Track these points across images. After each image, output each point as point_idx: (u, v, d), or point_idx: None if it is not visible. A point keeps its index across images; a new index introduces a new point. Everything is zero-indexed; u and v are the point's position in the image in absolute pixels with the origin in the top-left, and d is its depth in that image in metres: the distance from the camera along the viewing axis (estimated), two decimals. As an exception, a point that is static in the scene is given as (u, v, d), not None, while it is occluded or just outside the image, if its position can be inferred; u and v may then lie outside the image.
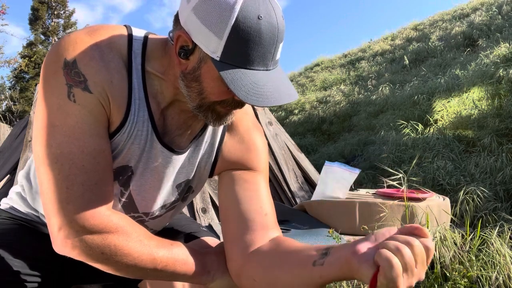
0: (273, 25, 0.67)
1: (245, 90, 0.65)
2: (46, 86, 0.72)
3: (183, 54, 0.71)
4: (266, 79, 0.68)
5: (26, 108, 15.58)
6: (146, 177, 0.84)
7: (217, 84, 0.71)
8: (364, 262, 0.56)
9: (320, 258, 0.65)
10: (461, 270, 1.73)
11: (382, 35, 14.59)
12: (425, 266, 0.58)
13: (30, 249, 0.88)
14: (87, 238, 0.70)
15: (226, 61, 0.67)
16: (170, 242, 0.80)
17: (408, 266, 0.54)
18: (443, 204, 2.28)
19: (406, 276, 0.55)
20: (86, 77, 0.71)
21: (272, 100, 0.67)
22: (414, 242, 0.56)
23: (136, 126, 0.78)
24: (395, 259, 0.54)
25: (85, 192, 0.70)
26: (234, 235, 0.83)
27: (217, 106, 0.75)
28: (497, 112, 4.41)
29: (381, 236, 0.60)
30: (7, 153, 3.42)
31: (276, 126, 3.45)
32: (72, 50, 0.72)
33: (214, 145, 0.89)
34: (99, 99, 0.72)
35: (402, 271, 0.54)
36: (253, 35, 0.65)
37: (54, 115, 0.71)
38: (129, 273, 0.76)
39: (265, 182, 0.90)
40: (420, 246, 0.56)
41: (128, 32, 0.78)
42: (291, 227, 2.28)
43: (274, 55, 0.69)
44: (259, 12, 0.65)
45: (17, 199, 0.97)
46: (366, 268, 0.56)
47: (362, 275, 0.57)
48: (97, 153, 0.72)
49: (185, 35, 0.69)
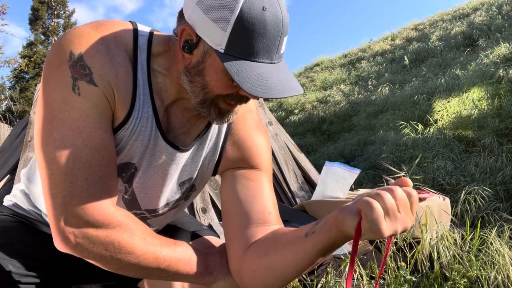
0: (278, 17, 0.66)
1: (250, 82, 0.64)
2: (50, 79, 0.71)
3: (187, 48, 0.71)
4: (271, 71, 0.67)
5: (26, 108, 15.57)
6: (150, 174, 0.84)
7: (221, 77, 0.70)
8: (347, 213, 0.60)
9: (311, 228, 0.68)
10: (460, 270, 1.73)
11: (382, 35, 14.61)
12: (409, 213, 0.60)
13: (31, 249, 0.88)
14: (90, 235, 0.69)
15: (231, 53, 0.66)
16: (173, 241, 0.79)
17: (389, 210, 0.57)
18: (443, 204, 2.28)
19: (389, 220, 0.57)
20: (91, 70, 0.70)
21: (277, 92, 0.66)
22: (395, 188, 0.59)
23: (140, 122, 0.77)
24: (375, 202, 0.56)
25: (89, 186, 0.69)
26: (236, 233, 0.82)
27: (220, 101, 0.74)
28: (497, 112, 4.41)
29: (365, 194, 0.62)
30: (7, 153, 3.42)
31: (276, 126, 3.45)
32: (78, 43, 0.71)
33: (218, 144, 0.89)
34: (104, 93, 0.71)
35: (384, 215, 0.56)
36: (257, 26, 0.64)
37: (58, 108, 0.69)
38: (131, 271, 0.75)
39: (269, 180, 0.89)
40: (401, 191, 0.59)
41: (133, 27, 0.78)
42: (291, 227, 2.27)
43: (279, 48, 0.69)
44: (264, 4, 0.65)
45: (21, 196, 0.96)
46: (350, 219, 0.59)
47: (347, 226, 0.59)
48: (101, 147, 0.71)
49: (189, 29, 0.69)
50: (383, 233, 0.56)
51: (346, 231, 0.60)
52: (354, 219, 0.58)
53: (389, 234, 0.57)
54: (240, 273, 0.80)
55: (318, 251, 0.67)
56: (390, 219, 0.57)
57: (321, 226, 0.66)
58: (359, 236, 0.58)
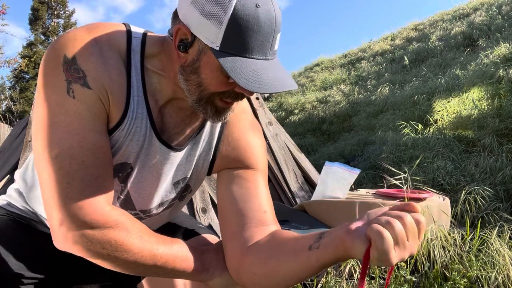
0: (271, 14, 0.68)
1: (245, 78, 0.66)
2: (45, 82, 0.72)
3: (183, 47, 0.72)
4: (266, 67, 0.69)
5: (26, 108, 15.58)
6: (144, 174, 0.85)
7: (216, 75, 0.72)
8: (356, 238, 0.58)
9: (316, 242, 0.67)
10: (460, 270, 1.73)
11: (382, 35, 14.61)
12: (417, 240, 0.59)
13: (27, 248, 0.88)
14: (88, 233, 0.70)
15: (226, 50, 0.67)
16: (170, 239, 0.80)
17: (399, 239, 0.56)
18: (443, 204, 2.28)
19: (398, 249, 0.57)
20: (85, 73, 0.72)
21: (272, 87, 0.67)
22: (404, 216, 0.58)
23: (135, 122, 0.78)
24: (386, 231, 0.55)
25: (85, 187, 0.70)
26: (233, 232, 0.83)
27: (216, 99, 0.76)
28: (497, 112, 4.42)
29: (373, 215, 0.61)
30: (7, 153, 3.42)
31: (276, 126, 3.45)
32: (72, 46, 0.72)
33: (212, 144, 0.90)
34: (98, 95, 0.73)
35: (394, 244, 0.56)
36: (251, 23, 0.66)
37: (54, 111, 0.71)
38: (128, 269, 0.77)
39: (264, 180, 0.91)
40: (411, 219, 0.58)
41: (127, 29, 0.79)
42: (291, 227, 2.27)
43: (273, 45, 0.70)
44: (257, 1, 0.67)
45: (16, 195, 0.96)
46: (359, 244, 0.58)
47: (356, 251, 0.58)
48: (96, 148, 0.72)
49: (184, 28, 0.70)
50: (392, 262, 0.56)
51: (353, 254, 0.60)
52: (363, 244, 0.57)
53: (396, 262, 0.57)
54: (238, 272, 0.81)
55: (321, 265, 0.67)
56: (399, 248, 0.57)
57: (327, 242, 0.65)
58: (367, 262, 0.57)
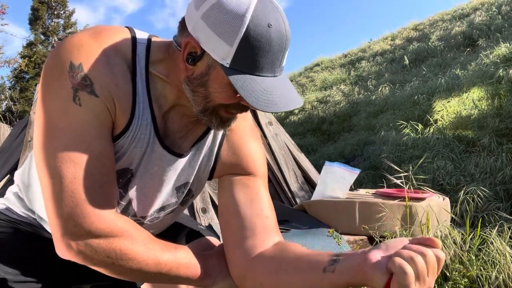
0: (282, 33, 0.68)
1: (255, 96, 0.67)
2: (50, 89, 0.71)
3: (191, 60, 0.72)
4: (274, 85, 0.70)
5: (26, 108, 15.55)
6: (146, 180, 0.84)
7: (225, 90, 0.72)
8: (377, 269, 0.59)
9: (330, 265, 0.67)
10: (461, 270, 1.73)
11: (382, 35, 14.61)
12: (435, 275, 0.60)
13: (26, 254, 0.87)
14: (92, 243, 0.70)
15: (236, 68, 0.67)
16: (174, 245, 0.80)
17: (420, 274, 0.56)
18: (443, 204, 2.28)
19: (418, 285, 0.57)
20: (92, 81, 0.71)
21: (281, 106, 0.68)
22: (427, 252, 0.58)
23: (140, 129, 0.78)
24: (409, 267, 0.56)
25: (90, 195, 0.69)
26: (236, 239, 0.83)
27: (221, 110, 0.76)
28: (497, 112, 4.41)
29: (392, 245, 0.62)
30: (7, 153, 3.42)
31: (276, 126, 3.45)
32: (78, 53, 0.71)
33: (213, 149, 0.90)
34: (105, 103, 0.72)
35: (415, 279, 0.56)
36: (263, 43, 0.66)
37: (59, 118, 0.69)
38: (132, 277, 0.76)
39: (265, 186, 0.91)
40: (433, 256, 0.58)
41: (131, 35, 0.78)
42: (290, 227, 2.27)
43: (281, 62, 0.71)
44: (269, 20, 0.66)
45: (14, 200, 0.95)
46: (380, 276, 0.58)
47: (376, 283, 0.59)
48: (102, 156, 0.72)
49: (194, 42, 0.70)
50: None
51: (371, 285, 0.60)
52: (383, 277, 0.58)
53: None
54: (243, 280, 0.81)
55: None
56: (419, 283, 0.57)
57: (343, 268, 0.65)
58: None
